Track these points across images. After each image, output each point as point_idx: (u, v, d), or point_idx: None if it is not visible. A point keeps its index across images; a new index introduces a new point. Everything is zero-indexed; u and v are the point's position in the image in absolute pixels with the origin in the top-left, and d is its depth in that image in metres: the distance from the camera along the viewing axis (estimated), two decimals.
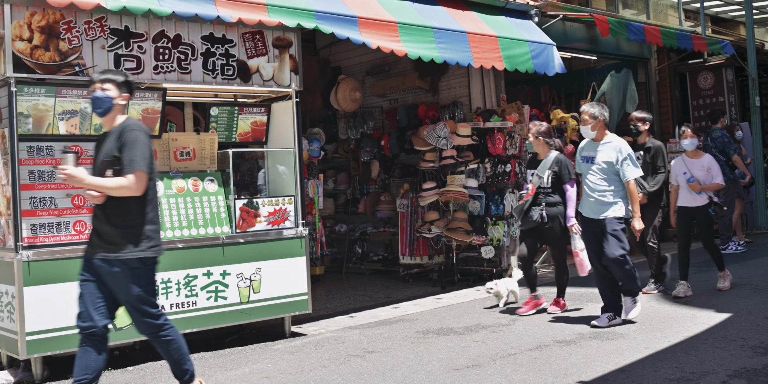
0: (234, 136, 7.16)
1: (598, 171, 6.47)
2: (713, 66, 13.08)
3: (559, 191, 7.09)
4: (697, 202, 7.71)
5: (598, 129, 6.50)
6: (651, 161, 7.86)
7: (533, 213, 7.02)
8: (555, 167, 7.05)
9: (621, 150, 6.40)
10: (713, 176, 7.70)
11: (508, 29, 8.85)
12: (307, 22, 6.65)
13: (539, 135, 7.17)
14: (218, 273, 6.35)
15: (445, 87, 10.41)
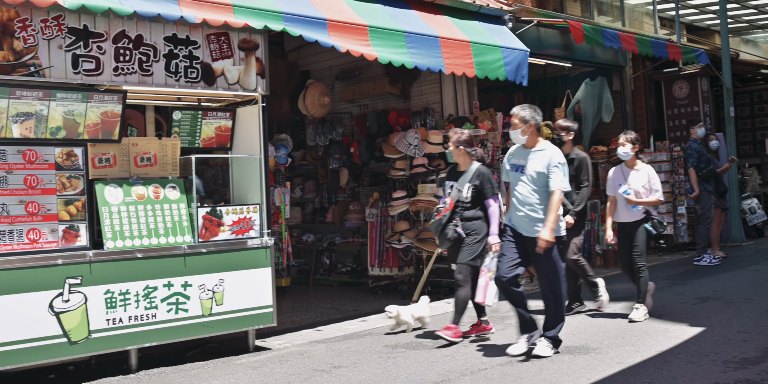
0: (197, 141, 7.10)
1: (528, 182, 5.98)
2: (688, 75, 13.28)
3: (482, 207, 6.69)
4: (633, 217, 7.29)
5: (530, 134, 5.99)
6: (574, 174, 7.52)
7: (448, 230, 6.59)
8: (476, 180, 6.64)
9: (553, 159, 5.92)
10: (652, 189, 7.28)
11: (482, 34, 8.89)
12: (274, 24, 6.62)
13: (460, 144, 6.76)
14: (179, 284, 6.27)
15: (416, 93, 10.44)
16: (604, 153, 12.26)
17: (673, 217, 11.95)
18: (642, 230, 7.26)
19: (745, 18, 16.86)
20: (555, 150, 5.99)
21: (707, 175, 10.91)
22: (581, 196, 7.55)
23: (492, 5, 9.51)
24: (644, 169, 7.37)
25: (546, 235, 5.77)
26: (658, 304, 7.89)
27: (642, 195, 7.25)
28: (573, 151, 7.67)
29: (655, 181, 7.31)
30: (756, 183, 15.20)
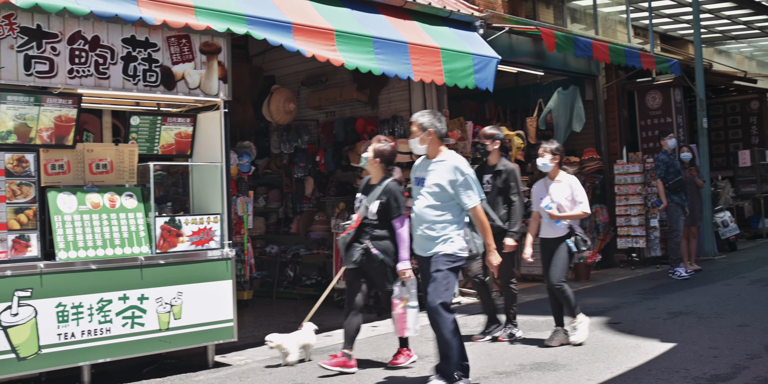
0: (156, 148, 7.03)
1: (427, 196, 5.44)
2: (662, 85, 13.46)
3: (389, 227, 6.25)
4: (556, 233, 6.96)
5: (430, 143, 5.49)
6: (502, 187, 7.22)
7: (354, 250, 6.18)
8: (383, 197, 6.19)
9: (457, 170, 5.37)
10: (576, 201, 6.93)
11: (452, 41, 8.94)
12: (237, 27, 6.59)
13: (378, 155, 6.30)
14: (135, 297, 6.18)
15: (384, 100, 10.46)
16: (576, 164, 12.39)
17: (646, 230, 12.08)
18: (563, 247, 6.91)
19: (719, 28, 17.15)
20: (457, 159, 5.44)
21: (674, 186, 11.04)
22: (515, 214, 7.20)
23: (463, 11, 9.57)
24: (566, 180, 7.04)
25: (494, 261, 5.62)
26: (630, 319, 7.96)
27: (566, 208, 6.92)
28: (500, 162, 7.36)
29: (579, 192, 6.95)
30: (729, 196, 15.44)
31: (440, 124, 5.53)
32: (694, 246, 11.79)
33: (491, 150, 7.36)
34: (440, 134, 5.52)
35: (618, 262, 12.81)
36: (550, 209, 6.89)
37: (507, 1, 12.43)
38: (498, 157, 7.38)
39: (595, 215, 12.21)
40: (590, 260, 11.16)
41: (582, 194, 6.96)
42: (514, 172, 7.29)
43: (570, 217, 6.92)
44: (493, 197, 7.22)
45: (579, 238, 6.92)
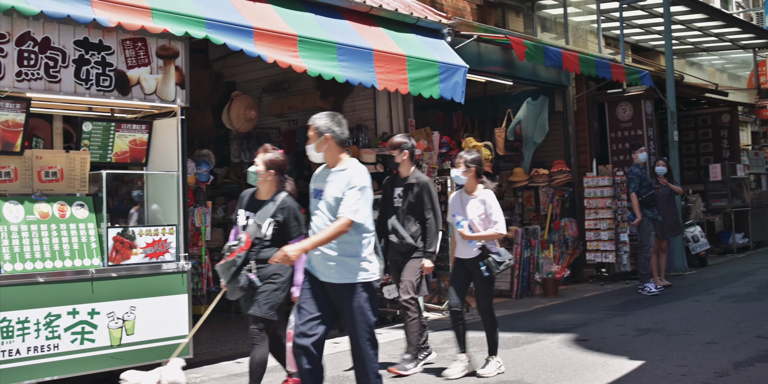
0: (109, 155, 6.96)
1: (325, 210, 4.86)
2: (632, 97, 13.63)
3: None
4: (469, 253, 6.49)
5: (327, 150, 4.94)
6: (414, 202, 6.81)
7: (241, 277, 5.46)
8: (280, 215, 5.55)
9: (353, 180, 4.79)
10: (491, 220, 6.42)
11: (418, 48, 8.98)
12: (196, 31, 6.56)
13: (272, 166, 5.67)
14: (86, 312, 6.10)
15: (349, 108, 10.46)
16: (545, 176, 12.48)
17: (615, 244, 12.20)
18: (478, 271, 6.45)
19: (690, 40, 17.46)
20: (358, 170, 4.86)
21: (647, 200, 11.20)
22: (430, 233, 6.78)
23: (430, 18, 9.62)
24: (482, 196, 6.49)
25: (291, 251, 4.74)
26: (598, 336, 8.01)
27: (478, 227, 6.43)
28: (413, 175, 6.92)
29: (494, 209, 6.41)
30: (699, 210, 15.64)
31: (339, 127, 4.95)
32: (664, 261, 11.93)
33: (400, 161, 6.94)
34: (339, 140, 4.93)
35: (587, 278, 12.91)
36: (461, 228, 6.39)
37: (476, 9, 12.53)
38: (409, 168, 6.95)
39: (564, 229, 12.30)
40: (559, 275, 11.24)
41: (497, 212, 6.41)
42: (428, 186, 6.85)
43: (482, 238, 6.38)
44: (404, 213, 6.86)
45: (492, 260, 6.36)
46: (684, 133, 17.24)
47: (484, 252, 6.40)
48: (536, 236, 11.46)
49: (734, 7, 24.21)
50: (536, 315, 9.67)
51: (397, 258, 6.94)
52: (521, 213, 13.06)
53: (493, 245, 6.48)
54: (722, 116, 17.49)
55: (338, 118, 5.05)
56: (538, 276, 11.32)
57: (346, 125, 5.04)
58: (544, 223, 12.27)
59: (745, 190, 16.79)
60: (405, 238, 6.70)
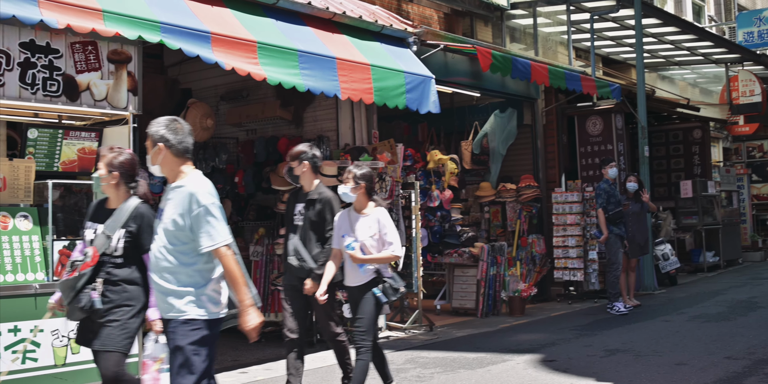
0: (56, 164, 6.86)
1: (162, 235, 4.33)
2: (603, 111, 13.77)
3: (141, 265, 5.00)
4: (360, 279, 6.09)
5: (163, 162, 4.37)
6: (316, 220, 6.41)
7: (83, 296, 4.85)
8: (133, 224, 4.94)
9: (192, 198, 4.23)
10: (385, 241, 6.07)
11: (383, 57, 9.00)
12: (150, 35, 6.51)
13: (115, 168, 5.04)
14: (28, 329, 6.00)
15: (310, 118, 10.44)
16: (513, 191, 12.55)
17: (584, 262, 12.29)
18: (369, 297, 6.04)
19: (662, 53, 17.72)
20: (197, 185, 4.29)
21: (614, 217, 11.29)
22: (327, 252, 6.35)
23: (396, 26, 9.66)
24: (374, 214, 6.15)
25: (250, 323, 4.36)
26: (565, 356, 8.04)
27: (370, 249, 6.05)
28: (315, 189, 6.52)
29: (389, 229, 6.08)
30: (670, 228, 15.83)
31: (176, 135, 4.34)
32: (633, 280, 12.03)
33: (299, 173, 6.52)
34: (176, 150, 4.33)
35: (555, 296, 12.97)
36: (353, 250, 6.00)
37: (443, 18, 12.61)
38: (311, 182, 6.53)
39: (531, 246, 12.36)
40: (526, 294, 11.28)
41: (392, 232, 6.08)
42: (331, 203, 6.43)
43: (376, 261, 6.04)
44: (305, 232, 6.46)
45: (388, 285, 6.04)
46: (655, 148, 17.46)
47: (377, 277, 6.06)
48: (503, 253, 11.50)
49: (707, 20, 24.64)
50: (502, 334, 9.69)
51: (296, 283, 6.49)
52: (488, 229, 13.11)
53: (386, 269, 6.15)
54: (694, 132, 17.75)
55: (175, 124, 4.40)
56: (505, 294, 11.35)
57: (188, 132, 4.43)
58: (511, 240, 12.32)
59: (716, 207, 17.03)
60: (306, 262, 6.30)
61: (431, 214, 11.37)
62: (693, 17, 23.18)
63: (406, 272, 9.98)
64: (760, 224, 23.35)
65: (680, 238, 16.64)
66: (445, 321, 10.78)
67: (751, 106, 19.71)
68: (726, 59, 19.06)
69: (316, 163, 6.54)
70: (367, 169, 6.26)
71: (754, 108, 19.72)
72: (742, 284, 14.09)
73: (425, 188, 11.11)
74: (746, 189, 20.48)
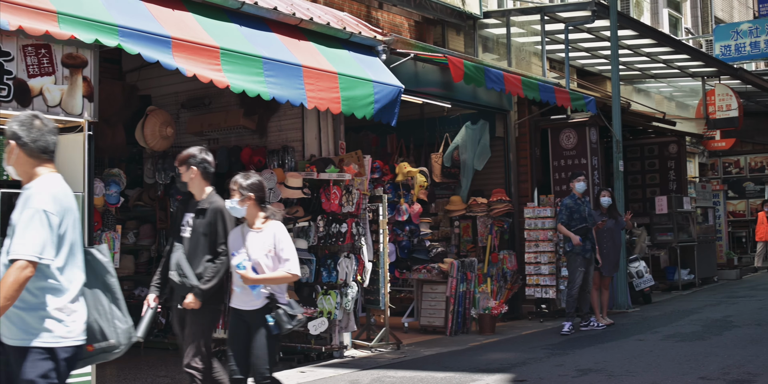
0: (5, 173, 6.75)
1: (6, 245, 3.88)
2: (577, 123, 13.85)
3: None
4: (251, 304, 5.65)
5: (16, 162, 4.06)
6: (205, 232, 5.97)
7: None
8: None
9: (29, 200, 3.86)
10: (281, 258, 5.66)
11: (351, 66, 8.99)
12: (107, 39, 6.45)
13: None
14: None
15: (275, 128, 10.40)
16: (484, 206, 12.57)
17: (556, 279, 12.32)
18: (262, 327, 5.62)
19: (638, 66, 17.91)
20: (41, 188, 3.93)
21: (577, 234, 11.20)
22: (215, 269, 5.91)
23: (365, 34, 9.66)
24: (269, 229, 5.75)
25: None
26: (536, 376, 8.04)
27: (264, 268, 5.65)
28: (207, 198, 6.10)
29: (285, 245, 5.68)
30: (644, 245, 15.93)
31: (29, 133, 3.99)
32: (606, 298, 12.08)
33: (187, 180, 6.12)
34: (29, 149, 3.98)
35: (526, 314, 12.99)
36: (243, 269, 5.57)
37: (414, 26, 12.66)
38: (202, 189, 6.12)
39: (502, 262, 12.38)
40: (496, 311, 11.28)
41: (289, 248, 5.68)
42: (222, 213, 5.99)
43: (270, 281, 5.63)
44: (193, 246, 6.02)
45: (283, 312, 5.59)
46: (630, 163, 17.58)
47: (271, 302, 5.61)
48: (473, 269, 11.50)
49: (683, 32, 24.95)
50: (471, 353, 9.67)
51: (179, 303, 6.03)
52: (458, 244, 13.12)
53: (282, 294, 5.72)
54: (669, 146, 17.90)
55: (33, 120, 4.02)
56: (475, 312, 11.35)
57: (49, 130, 4.08)
58: (482, 256, 12.33)
59: (691, 224, 17.18)
60: (188, 278, 5.84)
61: (399, 228, 11.35)
62: (669, 29, 23.45)
63: (373, 288, 9.96)
64: (736, 242, 23.66)
65: (655, 255, 16.76)
66: (413, 339, 10.75)
67: (727, 121, 19.96)
68: (703, 73, 19.28)
69: (206, 169, 6.13)
70: (255, 178, 5.85)
71: (731, 123, 19.96)
72: (717, 303, 14.21)
73: (393, 202, 11.10)
74: (722, 205, 20.70)
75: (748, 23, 23.84)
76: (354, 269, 9.38)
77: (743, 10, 30.72)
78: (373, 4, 12.07)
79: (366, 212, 9.83)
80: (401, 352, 9.70)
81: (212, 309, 6.03)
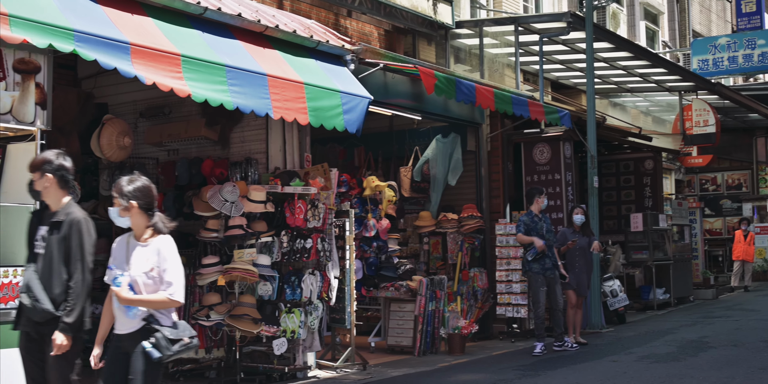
0: None
1: None
2: (550, 138, 13.90)
3: None
4: (129, 326, 5.11)
5: None
6: (61, 248, 5.46)
7: None
8: None
9: None
10: (164, 280, 5.12)
11: (318, 76, 9.00)
12: (62, 44, 6.40)
13: None
14: None
15: (237, 139, 10.36)
16: (454, 222, 12.58)
17: (528, 298, 12.34)
18: (140, 353, 5.04)
19: (614, 79, 18.09)
20: None
21: (533, 253, 11.21)
22: (74, 295, 5.38)
23: (332, 42, 9.68)
24: (154, 245, 5.19)
25: None
26: None
27: (141, 288, 5.10)
28: (64, 208, 5.58)
29: (170, 264, 5.14)
30: (619, 263, 16.03)
31: None
32: (579, 317, 12.13)
33: (41, 188, 5.60)
34: None
35: (497, 334, 13.01)
36: (119, 287, 5.04)
37: (384, 35, 12.71)
38: (59, 200, 5.61)
39: (473, 280, 12.39)
40: (466, 331, 11.28)
41: (173, 270, 5.13)
42: (80, 226, 5.50)
43: (146, 304, 5.07)
44: (47, 264, 5.48)
45: (161, 336, 5.02)
46: (605, 178, 17.70)
47: (148, 324, 5.07)
48: (443, 287, 11.50)
49: (660, 46, 25.27)
50: (440, 374, 9.67)
51: (30, 330, 5.54)
52: (427, 261, 13.11)
53: (166, 315, 5.17)
54: (645, 162, 18.04)
55: None
56: (444, 331, 11.34)
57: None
58: (452, 273, 12.34)
59: (667, 242, 17.30)
60: (40, 302, 5.33)
61: (367, 244, 11.33)
62: (646, 42, 23.76)
63: (338, 306, 9.93)
64: (713, 260, 23.88)
65: (629, 274, 16.84)
66: (380, 359, 10.72)
67: (704, 137, 20.19)
68: (680, 87, 19.52)
69: (64, 177, 5.61)
70: (141, 182, 5.27)
71: (708, 139, 20.20)
72: (693, 323, 14.31)
73: (361, 217, 11.08)
74: (699, 223, 20.88)
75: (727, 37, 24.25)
76: (319, 286, 9.35)
77: (722, 23, 31.20)
78: (342, 12, 12.10)
79: (332, 227, 9.80)
80: (367, 373, 9.67)
81: (75, 338, 5.41)
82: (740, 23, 26.18)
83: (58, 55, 6.74)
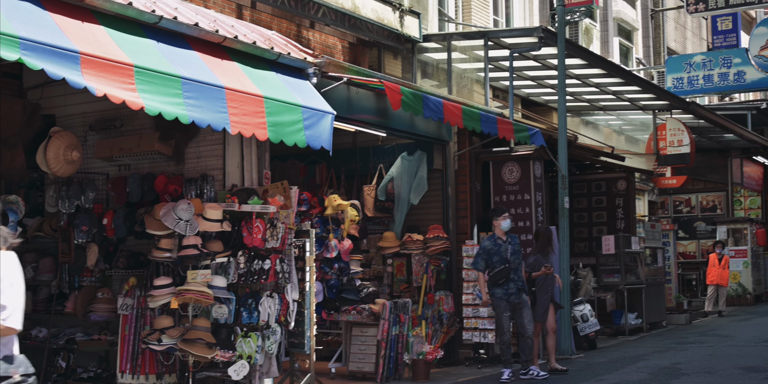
0: None
1: None
2: (520, 157, 13.94)
3: None
4: None
5: None
6: None
7: None
8: None
9: None
10: None
11: (278, 89, 8.98)
12: (7, 52, 6.32)
13: None
14: None
15: (193, 155, 10.29)
16: (420, 243, 12.57)
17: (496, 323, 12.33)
18: None
19: (586, 96, 18.25)
20: None
21: (497, 277, 11.17)
22: None
23: (294, 55, 9.67)
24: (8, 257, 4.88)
25: None
26: None
27: None
28: None
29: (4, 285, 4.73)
30: (590, 286, 16.08)
31: None
32: (553, 342, 12.15)
33: None
34: None
35: (463, 359, 12.99)
36: None
37: (348, 47, 12.74)
38: None
39: (438, 303, 12.38)
40: (431, 356, 11.26)
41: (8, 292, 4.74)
42: None
43: None
44: None
45: None
46: (576, 199, 17.79)
47: None
48: (407, 311, 11.47)
49: (634, 63, 25.56)
50: None
51: None
52: (390, 284, 13.09)
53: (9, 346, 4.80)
54: (618, 183, 18.12)
55: None
56: (408, 357, 11.31)
57: None
58: (417, 296, 12.33)
59: (639, 265, 17.41)
60: None
61: (328, 266, 11.29)
62: (620, 59, 24.02)
63: (297, 331, 9.87)
64: (686, 284, 24.06)
65: (601, 298, 16.92)
66: None
67: (678, 158, 20.36)
68: (654, 106, 19.69)
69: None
70: None
71: (682, 159, 20.37)
72: (666, 349, 14.39)
73: (322, 237, 11.05)
74: (672, 246, 21.05)
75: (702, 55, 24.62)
76: (277, 309, 9.29)
77: (697, 41, 31.65)
78: (305, 23, 12.11)
79: (291, 248, 9.75)
80: None
81: None
82: (716, 41, 26.59)
83: (3, 64, 6.66)
